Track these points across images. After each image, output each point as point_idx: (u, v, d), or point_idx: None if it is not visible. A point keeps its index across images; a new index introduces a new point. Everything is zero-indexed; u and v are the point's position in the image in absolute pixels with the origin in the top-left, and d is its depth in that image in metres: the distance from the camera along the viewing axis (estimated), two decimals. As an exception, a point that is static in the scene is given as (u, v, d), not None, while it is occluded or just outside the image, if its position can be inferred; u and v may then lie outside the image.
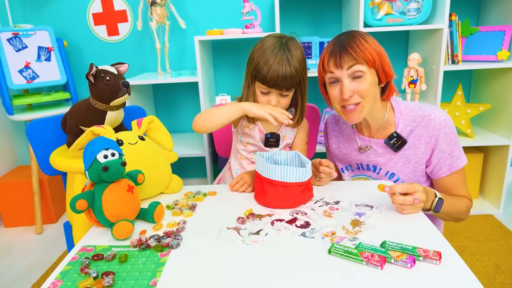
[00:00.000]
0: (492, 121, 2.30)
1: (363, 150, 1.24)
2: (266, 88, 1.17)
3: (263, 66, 1.14)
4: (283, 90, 1.16)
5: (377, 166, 1.23)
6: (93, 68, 1.20)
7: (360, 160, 1.26)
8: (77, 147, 1.14)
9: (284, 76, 1.12)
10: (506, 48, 2.08)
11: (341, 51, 1.06)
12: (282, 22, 2.36)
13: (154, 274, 0.76)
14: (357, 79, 1.07)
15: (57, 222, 2.42)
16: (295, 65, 1.14)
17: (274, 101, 1.18)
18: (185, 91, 2.60)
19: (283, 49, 1.14)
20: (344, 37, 1.09)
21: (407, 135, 1.16)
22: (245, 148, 1.33)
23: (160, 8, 2.21)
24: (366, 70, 1.06)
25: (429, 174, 1.20)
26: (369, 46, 1.06)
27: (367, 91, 1.08)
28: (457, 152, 1.15)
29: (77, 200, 0.86)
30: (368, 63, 1.06)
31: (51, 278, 0.76)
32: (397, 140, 1.16)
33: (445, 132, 1.13)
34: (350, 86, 1.07)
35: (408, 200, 0.93)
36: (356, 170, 1.30)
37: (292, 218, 0.97)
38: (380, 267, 0.74)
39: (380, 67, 1.08)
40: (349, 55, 1.05)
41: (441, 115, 1.13)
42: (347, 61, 1.06)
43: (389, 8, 2.04)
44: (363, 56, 1.05)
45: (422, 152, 1.16)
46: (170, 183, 1.16)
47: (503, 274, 1.71)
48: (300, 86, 1.21)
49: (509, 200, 2.39)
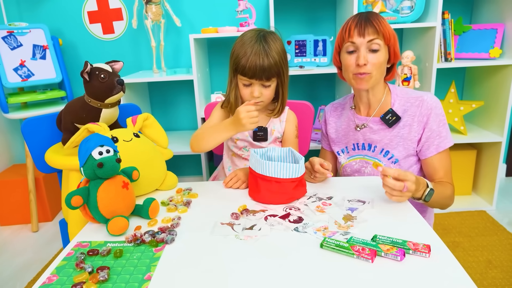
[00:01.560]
0: (485, 118, 2.33)
1: (360, 128, 1.31)
2: (247, 79, 1.18)
3: (241, 58, 1.16)
4: (263, 80, 1.18)
5: (372, 144, 1.30)
6: (88, 66, 1.21)
7: (356, 139, 1.33)
8: (72, 145, 1.15)
9: (262, 66, 1.14)
10: (498, 46, 2.10)
11: (366, 22, 1.18)
12: (277, 20, 2.37)
13: (149, 268, 0.77)
14: (373, 52, 1.18)
15: (53, 220, 2.42)
16: (273, 55, 1.16)
17: (257, 92, 1.19)
18: (180, 89, 2.61)
19: (261, 41, 1.16)
20: (368, 13, 1.21)
21: (401, 113, 1.25)
22: (235, 145, 1.34)
23: (155, 6, 2.21)
24: (382, 45, 1.18)
25: (418, 153, 1.26)
26: (388, 25, 1.20)
27: (379, 64, 1.19)
28: (444, 133, 1.23)
29: (72, 196, 0.87)
30: (386, 39, 1.18)
31: (47, 273, 0.77)
32: (392, 116, 1.25)
33: (435, 112, 1.22)
34: (367, 56, 1.18)
35: (397, 186, 0.97)
36: (351, 151, 1.35)
37: (285, 213, 0.98)
38: (371, 260, 0.76)
39: (393, 46, 1.21)
40: (373, 27, 1.17)
41: (432, 97, 1.24)
42: (370, 33, 1.17)
43: (382, 6, 2.06)
44: (383, 31, 1.17)
45: (415, 131, 1.23)
46: (165, 180, 1.17)
47: (495, 269, 1.73)
48: (280, 77, 1.22)
49: (501, 196, 2.42)
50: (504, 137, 2.15)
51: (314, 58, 2.24)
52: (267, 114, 1.31)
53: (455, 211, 2.26)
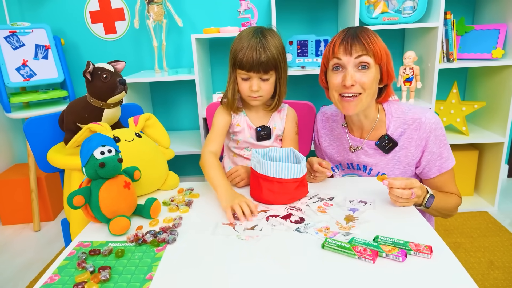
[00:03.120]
0: (487, 119, 2.32)
1: (354, 150, 1.24)
2: (245, 73, 1.19)
3: (239, 52, 1.17)
4: (261, 73, 1.18)
5: (367, 166, 1.24)
6: (90, 66, 1.21)
7: (351, 160, 1.27)
8: (74, 144, 1.15)
9: (259, 59, 1.15)
10: (500, 46, 2.10)
11: (354, 38, 1.07)
12: (279, 20, 2.37)
13: (150, 268, 0.77)
14: (362, 70, 1.07)
15: (54, 220, 2.43)
16: (270, 48, 1.16)
17: (255, 86, 1.19)
18: (182, 89, 2.61)
19: (258, 35, 1.17)
20: (357, 28, 1.11)
21: (397, 137, 1.18)
22: (237, 146, 1.34)
23: (157, 6, 2.21)
24: (372, 63, 1.07)
25: (419, 174, 1.22)
26: (379, 42, 1.09)
27: (369, 84, 1.08)
28: (446, 154, 1.17)
29: (74, 196, 0.88)
30: (376, 57, 1.07)
31: (48, 273, 0.77)
32: (388, 143, 1.17)
33: (435, 134, 1.15)
34: (354, 76, 1.07)
35: (406, 194, 0.96)
36: (346, 169, 1.31)
37: (287, 214, 0.98)
38: (372, 261, 0.76)
39: (385, 66, 1.10)
40: (361, 44, 1.06)
41: (431, 118, 1.15)
42: (358, 50, 1.06)
43: (384, 6, 2.05)
44: (373, 49, 1.06)
45: (412, 154, 1.17)
46: (166, 180, 1.17)
47: (496, 270, 1.73)
48: (278, 71, 1.22)
49: (503, 197, 2.41)
50: (506, 137, 2.14)
51: (316, 58, 2.23)
52: (265, 109, 1.31)
53: (457, 212, 2.25)
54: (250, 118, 1.31)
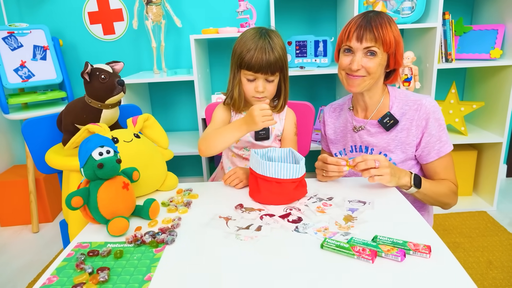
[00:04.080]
0: (485, 119, 2.32)
1: (357, 130, 1.30)
2: (252, 74, 1.19)
3: (246, 53, 1.17)
4: (268, 75, 1.18)
5: (369, 147, 1.29)
6: (88, 67, 1.21)
7: (354, 141, 1.32)
8: (73, 145, 1.15)
9: (268, 60, 1.16)
10: (499, 46, 2.10)
11: (366, 27, 1.15)
12: (277, 21, 2.37)
13: (149, 269, 0.77)
14: (369, 56, 1.16)
15: (53, 221, 2.42)
16: (277, 49, 1.18)
17: (261, 87, 1.20)
18: (181, 90, 2.61)
19: (264, 36, 1.18)
20: (373, 15, 1.17)
21: (399, 117, 1.24)
22: (236, 145, 1.34)
23: (156, 7, 2.21)
24: (380, 51, 1.16)
25: (418, 158, 1.26)
26: (391, 31, 1.16)
27: (374, 69, 1.17)
28: (444, 138, 1.22)
29: (72, 197, 0.87)
30: (385, 46, 1.15)
31: (47, 274, 0.77)
32: (390, 119, 1.23)
33: (434, 117, 1.20)
34: (361, 61, 1.17)
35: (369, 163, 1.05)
36: (349, 154, 1.35)
37: (285, 213, 0.98)
38: (371, 260, 0.76)
39: (394, 53, 1.18)
40: (372, 33, 1.14)
41: (431, 101, 1.22)
42: (368, 39, 1.15)
43: (383, 6, 2.06)
44: (383, 39, 1.14)
45: (413, 135, 1.22)
46: (165, 181, 1.17)
47: (495, 269, 1.73)
48: (283, 72, 1.23)
49: (502, 197, 2.42)
50: (504, 137, 2.15)
51: (315, 58, 2.24)
52: None
53: (456, 212, 2.25)
54: None
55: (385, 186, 1.10)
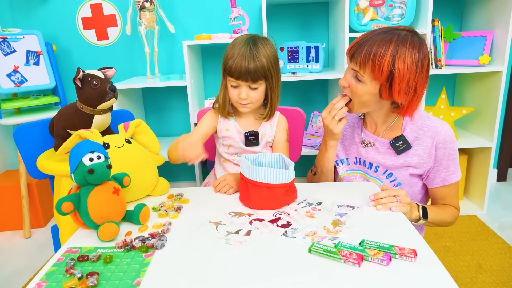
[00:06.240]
0: (475, 124, 2.36)
1: (365, 145, 1.25)
2: (234, 80, 1.21)
3: (229, 59, 1.19)
4: (249, 82, 1.20)
5: (374, 164, 1.25)
6: (80, 73, 1.22)
7: (359, 155, 1.28)
8: (64, 151, 1.15)
9: (247, 68, 1.17)
10: (487, 53, 2.13)
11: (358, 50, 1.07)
12: (270, 27, 2.40)
13: (138, 274, 0.78)
14: (356, 79, 1.11)
15: (45, 226, 2.41)
16: (260, 58, 1.18)
17: (244, 94, 1.22)
18: (174, 95, 2.62)
19: (249, 44, 1.19)
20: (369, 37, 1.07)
21: (411, 140, 1.18)
22: (227, 151, 1.35)
23: (149, 12, 2.22)
24: (367, 78, 1.07)
25: (424, 181, 1.24)
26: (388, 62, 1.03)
27: (358, 95, 1.11)
28: (452, 168, 1.18)
29: (62, 202, 0.88)
30: (374, 74, 1.05)
31: (36, 279, 0.77)
32: (403, 144, 1.18)
33: (447, 147, 1.16)
34: (349, 79, 1.13)
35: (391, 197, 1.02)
36: (352, 165, 1.31)
37: (275, 218, 0.99)
38: (358, 264, 0.77)
39: (387, 85, 1.06)
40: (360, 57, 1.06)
41: (447, 130, 1.16)
42: (357, 62, 1.07)
43: (374, 13, 2.09)
44: (371, 67, 1.05)
45: (424, 161, 1.18)
46: (156, 186, 1.18)
47: (485, 273, 1.75)
48: (268, 80, 1.23)
49: (492, 201, 2.44)
50: (494, 142, 2.18)
51: (307, 64, 2.26)
52: (257, 118, 1.33)
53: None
54: (240, 124, 1.32)
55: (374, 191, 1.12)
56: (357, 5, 2.09)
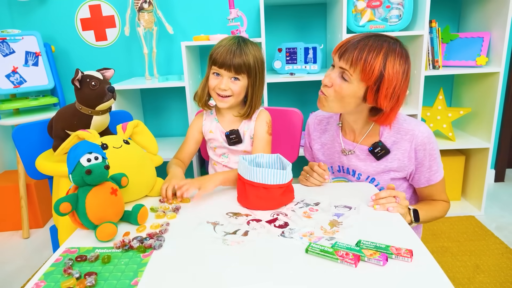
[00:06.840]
0: (472, 125, 2.37)
1: (346, 153, 1.25)
2: (218, 69, 1.25)
3: (216, 48, 1.25)
4: (231, 72, 1.23)
5: (356, 171, 1.25)
6: (79, 73, 1.22)
7: (342, 163, 1.28)
8: (63, 151, 1.15)
9: (231, 58, 1.21)
10: (484, 54, 2.14)
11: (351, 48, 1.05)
12: (268, 28, 2.40)
13: (136, 274, 0.78)
14: (342, 79, 1.08)
15: (44, 227, 2.41)
16: (246, 53, 1.23)
17: (224, 84, 1.25)
18: (172, 96, 2.62)
19: (238, 40, 1.26)
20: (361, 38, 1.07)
21: (390, 145, 1.18)
22: (214, 153, 1.37)
23: (147, 14, 2.23)
24: (354, 79, 1.06)
25: (408, 181, 1.25)
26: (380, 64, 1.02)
27: (341, 94, 1.09)
28: (435, 167, 1.19)
29: (61, 203, 0.88)
30: (363, 75, 1.04)
31: (34, 279, 0.78)
32: (381, 150, 1.18)
33: (426, 148, 1.16)
34: (334, 78, 1.10)
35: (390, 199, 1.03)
36: (336, 173, 1.32)
37: (272, 218, 1.00)
38: (354, 265, 0.78)
39: (374, 88, 1.05)
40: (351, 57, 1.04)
41: (424, 132, 1.15)
42: (346, 60, 1.05)
43: (371, 15, 2.09)
44: (362, 66, 1.03)
45: (404, 165, 1.18)
46: (155, 186, 1.19)
47: (482, 273, 1.76)
48: (251, 78, 1.28)
49: (489, 202, 2.45)
50: (491, 143, 2.19)
51: (305, 65, 2.26)
52: (235, 115, 1.36)
53: (444, 217, 2.28)
54: (222, 124, 1.34)
55: (371, 191, 1.13)
56: (354, 6, 2.10)
